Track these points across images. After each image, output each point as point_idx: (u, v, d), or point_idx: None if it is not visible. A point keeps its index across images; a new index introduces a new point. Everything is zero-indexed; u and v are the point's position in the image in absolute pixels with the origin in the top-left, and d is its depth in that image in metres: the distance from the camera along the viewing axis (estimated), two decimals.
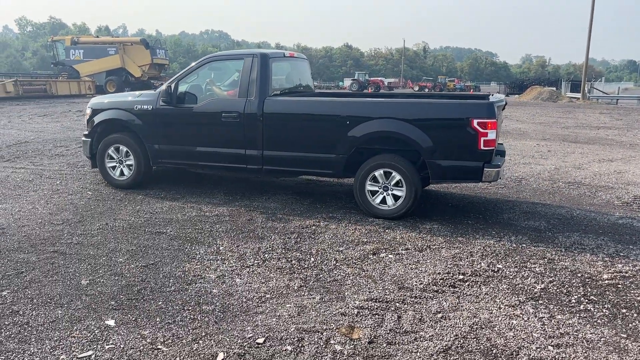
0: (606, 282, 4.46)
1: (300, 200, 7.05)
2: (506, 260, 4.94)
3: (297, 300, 4.01)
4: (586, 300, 4.10)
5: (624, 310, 3.93)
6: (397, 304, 3.98)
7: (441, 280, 4.44)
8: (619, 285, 4.39)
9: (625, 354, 3.30)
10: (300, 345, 3.36)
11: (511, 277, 4.55)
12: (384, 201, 6.19)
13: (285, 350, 3.30)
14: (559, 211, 6.76)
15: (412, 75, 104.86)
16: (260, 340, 3.41)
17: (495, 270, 4.70)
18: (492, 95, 6.95)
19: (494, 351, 3.32)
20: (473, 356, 3.26)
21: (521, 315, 3.82)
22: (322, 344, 3.38)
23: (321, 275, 4.53)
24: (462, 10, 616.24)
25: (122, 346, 3.32)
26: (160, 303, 3.92)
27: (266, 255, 4.97)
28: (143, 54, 36.25)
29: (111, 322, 3.61)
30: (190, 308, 3.85)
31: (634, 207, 7.08)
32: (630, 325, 3.70)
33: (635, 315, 3.86)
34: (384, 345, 3.38)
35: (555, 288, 4.32)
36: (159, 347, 3.31)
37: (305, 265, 4.74)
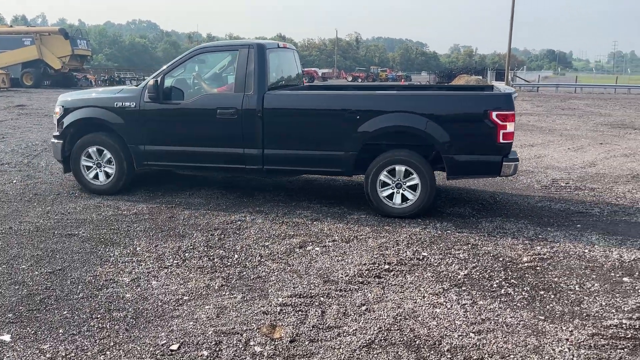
0: (526, 265, 4.56)
1: (227, 194, 6.81)
2: (431, 247, 4.96)
3: (217, 301, 3.81)
4: (507, 284, 4.16)
5: (542, 292, 4.01)
6: (322, 299, 3.86)
7: (367, 271, 4.37)
8: (538, 268, 4.49)
9: (543, 336, 3.35)
10: (217, 349, 3.17)
11: (436, 264, 4.56)
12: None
13: (201, 355, 3.10)
14: (483, 196, 6.91)
15: (345, 65, 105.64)
16: (175, 347, 3.19)
17: (421, 258, 4.69)
18: (494, 86, 6.90)
19: (417, 342, 3.28)
20: (396, 349, 3.20)
21: (444, 304, 3.81)
22: (241, 346, 3.21)
23: (244, 273, 4.34)
24: (392, 1, 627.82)
25: None
26: (65, 312, 3.60)
27: (187, 254, 4.72)
28: (62, 44, 34.24)
29: (6, 337, 3.27)
30: (99, 316, 3.56)
31: (552, 190, 7.35)
32: (547, 307, 3.78)
33: (552, 296, 3.95)
34: (306, 343, 3.25)
35: (478, 274, 4.36)
36: None
37: (228, 263, 4.53)
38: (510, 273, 4.38)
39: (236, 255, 4.71)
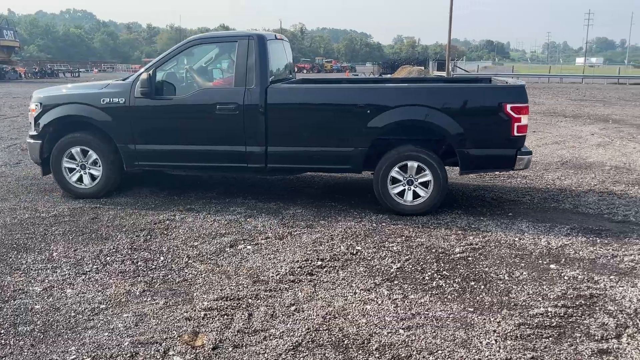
0: (458, 255, 4.56)
1: (156, 192, 6.51)
2: (365, 241, 4.88)
3: (137, 308, 3.58)
4: (439, 276, 4.13)
5: (473, 283, 4.01)
6: (250, 300, 3.70)
7: (299, 269, 4.24)
8: (469, 258, 4.50)
9: (471, 329, 3.33)
10: None
11: (369, 258, 4.49)
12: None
13: None
14: None
15: None
16: None
17: (354, 252, 4.61)
18: (492, 78, 6.84)
19: (345, 342, 3.18)
20: (323, 350, 3.09)
21: (375, 299, 3.73)
22: (159, 357, 3.00)
23: (169, 276, 4.12)
24: None
25: None
26: None
27: (108, 258, 4.44)
28: None
29: None
30: (2, 331, 3.26)
31: (486, 179, 7.47)
32: (477, 298, 3.77)
33: (482, 287, 3.95)
34: (230, 349, 3.09)
35: (410, 266, 4.32)
36: None
37: (153, 266, 4.29)
38: (442, 264, 4.36)
39: (162, 258, 4.47)
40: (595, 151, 9.69)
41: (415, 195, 5.64)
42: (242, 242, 4.86)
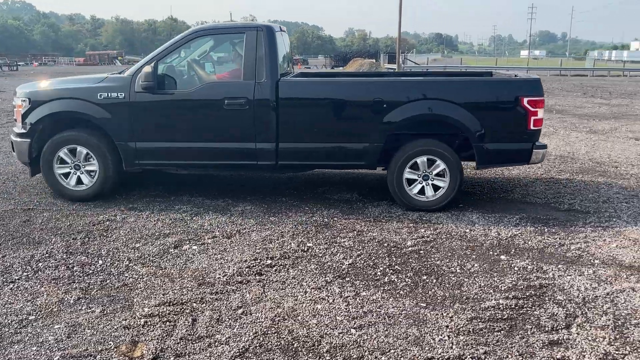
0: (410, 249, 4.50)
1: None
2: (317, 237, 4.76)
3: (71, 318, 3.32)
4: (391, 271, 4.05)
5: (425, 277, 3.95)
6: (194, 304, 3.51)
7: (247, 269, 4.07)
8: (421, 251, 4.45)
9: (424, 325, 3.26)
10: None
11: (320, 255, 4.36)
12: (427, 191, 5.50)
13: None
14: (370, 180, 6.86)
15: None
16: None
17: (305, 249, 4.48)
18: (494, 72, 6.76)
19: (295, 345, 3.04)
20: (272, 355, 2.94)
21: (327, 298, 3.61)
22: None
23: (108, 281, 3.86)
24: None
25: None
26: None
27: (40, 264, 4.12)
28: None
29: None
30: None
31: None
32: (429, 292, 3.71)
33: (434, 281, 3.89)
34: (172, 359, 2.89)
35: (362, 262, 4.23)
36: None
37: (90, 271, 4.01)
38: (394, 259, 4.29)
39: (100, 262, 4.20)
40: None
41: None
42: (188, 242, 4.63)
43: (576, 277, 3.95)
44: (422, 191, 5.52)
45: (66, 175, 5.69)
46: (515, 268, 4.11)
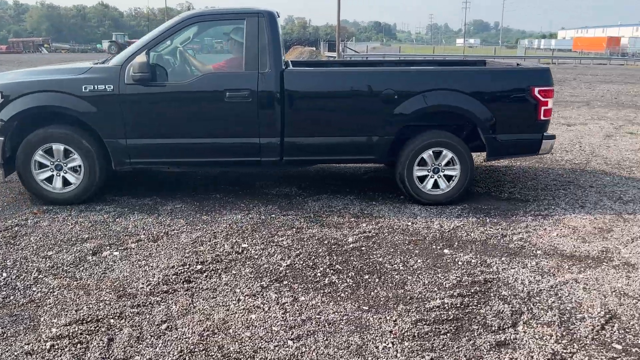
0: (351, 246, 4.27)
1: (3, 192, 5.54)
2: (253, 236, 4.44)
3: None
4: (331, 272, 3.80)
5: (367, 276, 3.73)
6: (112, 321, 3.12)
7: (174, 276, 3.70)
8: (363, 248, 4.23)
9: (367, 332, 3.03)
10: None
11: (256, 256, 4.05)
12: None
13: None
14: (309, 173, 6.58)
15: None
16: None
17: (240, 251, 4.15)
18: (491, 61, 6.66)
19: None
20: None
21: (262, 306, 3.31)
22: None
23: (12, 297, 3.39)
24: None
25: None
26: None
27: None
28: None
29: None
30: None
31: None
32: (372, 293, 3.49)
33: (377, 280, 3.68)
34: None
35: (301, 262, 3.95)
36: None
37: None
38: (335, 257, 4.04)
39: (4, 274, 3.70)
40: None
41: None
42: (108, 247, 4.19)
43: (520, 269, 3.84)
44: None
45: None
46: (459, 263, 3.96)
